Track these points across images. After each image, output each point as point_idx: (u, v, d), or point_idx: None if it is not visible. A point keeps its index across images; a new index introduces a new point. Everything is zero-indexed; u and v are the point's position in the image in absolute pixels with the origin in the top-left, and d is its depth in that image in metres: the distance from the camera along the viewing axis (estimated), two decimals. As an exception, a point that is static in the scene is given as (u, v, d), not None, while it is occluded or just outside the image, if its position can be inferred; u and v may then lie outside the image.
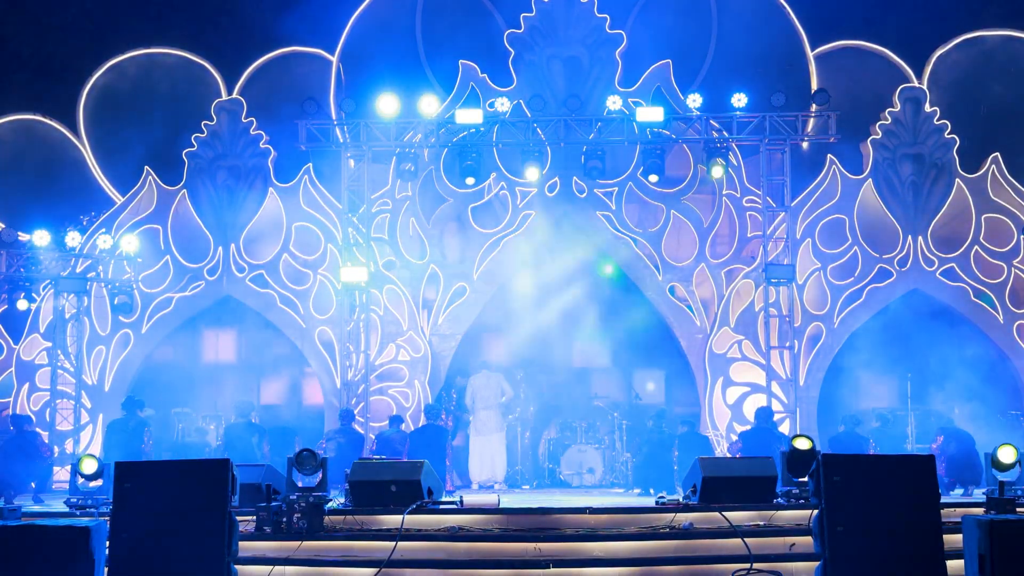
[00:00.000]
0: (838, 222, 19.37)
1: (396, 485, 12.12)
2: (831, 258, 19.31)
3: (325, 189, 19.70)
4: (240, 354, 19.97)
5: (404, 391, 19.38)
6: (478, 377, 17.72)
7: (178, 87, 20.20)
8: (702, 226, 19.62)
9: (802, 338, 19.09)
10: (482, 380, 17.68)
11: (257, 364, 19.88)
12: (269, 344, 19.67)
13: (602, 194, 19.68)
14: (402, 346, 19.51)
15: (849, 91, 19.50)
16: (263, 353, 19.82)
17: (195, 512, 9.57)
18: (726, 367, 19.14)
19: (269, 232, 19.66)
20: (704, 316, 19.51)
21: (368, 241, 19.31)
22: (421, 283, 19.76)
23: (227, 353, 19.92)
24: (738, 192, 19.55)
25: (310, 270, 19.62)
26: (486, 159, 19.25)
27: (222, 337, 19.95)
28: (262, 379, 19.84)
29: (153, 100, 20.01)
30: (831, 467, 9.61)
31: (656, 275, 19.62)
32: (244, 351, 19.96)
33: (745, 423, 18.38)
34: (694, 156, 19.52)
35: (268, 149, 19.78)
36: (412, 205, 19.76)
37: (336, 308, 19.43)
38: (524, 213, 19.75)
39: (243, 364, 19.96)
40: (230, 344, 19.91)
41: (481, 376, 17.75)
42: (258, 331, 19.78)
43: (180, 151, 19.79)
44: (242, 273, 19.64)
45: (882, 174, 19.44)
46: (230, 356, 19.93)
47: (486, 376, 17.74)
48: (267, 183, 19.75)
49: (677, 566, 10.99)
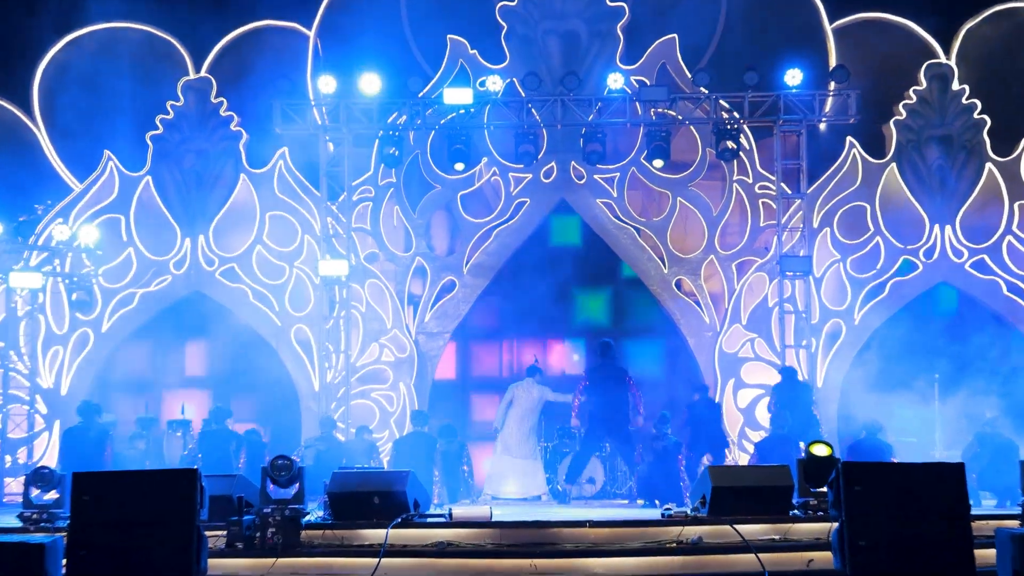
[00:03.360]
0: (858, 210, 19.36)
1: (379, 497, 12.09)
2: (851, 249, 19.31)
3: (302, 175, 19.66)
4: (211, 354, 19.89)
5: (388, 394, 19.36)
6: (520, 386, 17.33)
7: (142, 64, 20.12)
8: (711, 215, 19.60)
9: (820, 336, 19.08)
10: (523, 390, 17.30)
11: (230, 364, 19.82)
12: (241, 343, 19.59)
13: (602, 180, 19.65)
14: (386, 346, 19.48)
15: (870, 68, 19.48)
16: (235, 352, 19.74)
17: (160, 527, 9.53)
18: (737, 367, 19.13)
19: (241, 222, 19.61)
20: (713, 312, 19.50)
21: (349, 232, 19.27)
22: (406, 277, 19.74)
23: (195, 353, 19.83)
24: (750, 178, 19.53)
25: (285, 263, 19.58)
26: (477, 142, 19.23)
27: (190, 334, 19.86)
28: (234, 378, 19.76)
29: (114, 78, 19.92)
30: (852, 476, 9.60)
31: (661, 268, 19.61)
32: (214, 350, 19.89)
33: (758, 428, 18.37)
34: (702, 139, 19.50)
35: (240, 132, 19.73)
36: (396, 192, 19.73)
37: (314, 304, 19.40)
38: (518, 201, 19.71)
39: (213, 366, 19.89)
40: (199, 343, 19.82)
41: (523, 385, 17.35)
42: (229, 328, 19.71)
43: (144, 134, 19.73)
44: (211, 267, 19.59)
45: (906, 158, 19.43)
46: (199, 356, 19.84)
47: (528, 386, 17.31)
48: (238, 168, 19.70)
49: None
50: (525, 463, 17.12)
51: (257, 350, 19.49)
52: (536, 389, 17.23)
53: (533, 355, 18.30)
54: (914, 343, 18.85)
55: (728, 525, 11.72)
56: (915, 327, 19.16)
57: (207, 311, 19.73)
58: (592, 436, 16.72)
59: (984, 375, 18.01)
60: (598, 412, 16.45)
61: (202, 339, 19.77)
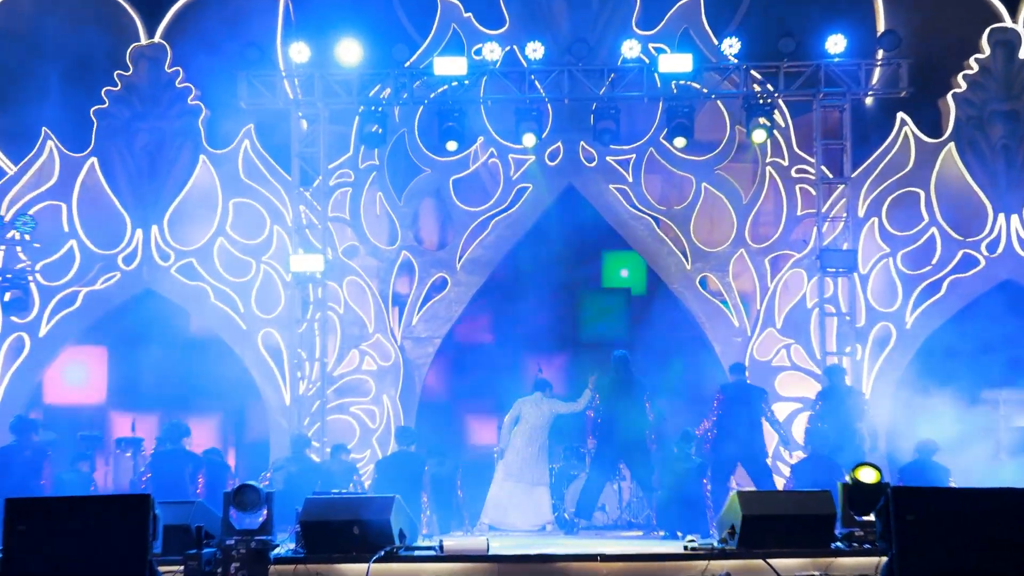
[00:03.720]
0: (911, 197, 19.36)
1: (359, 526, 12.06)
2: (902, 242, 19.30)
3: (270, 157, 19.65)
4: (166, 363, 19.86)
5: (370, 408, 19.35)
6: (527, 401, 17.23)
7: (85, 29, 20.10)
8: (741, 203, 19.60)
9: (866, 342, 19.07)
10: (531, 405, 17.20)
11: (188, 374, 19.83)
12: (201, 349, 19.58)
13: (616, 163, 19.65)
14: (367, 353, 19.49)
15: (925, 33, 19.46)
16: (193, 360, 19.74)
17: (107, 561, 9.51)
18: (771, 378, 19.11)
19: (200, 210, 19.61)
20: (744, 314, 19.49)
21: (325, 222, 19.26)
22: (391, 274, 19.73)
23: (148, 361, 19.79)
24: (786, 160, 19.53)
25: (252, 258, 19.58)
26: (471, 119, 19.22)
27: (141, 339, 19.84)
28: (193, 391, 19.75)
29: (53, 45, 19.89)
30: (903, 503, 9.58)
31: (684, 264, 19.59)
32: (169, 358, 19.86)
33: (796, 448, 18.34)
34: (731, 115, 19.50)
35: (199, 107, 19.72)
36: (379, 177, 19.73)
37: (285, 305, 19.38)
38: (519, 187, 19.70)
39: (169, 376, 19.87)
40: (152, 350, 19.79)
41: (531, 400, 17.24)
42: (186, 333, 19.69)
43: (88, 109, 19.71)
44: (167, 262, 19.58)
45: (966, 137, 19.42)
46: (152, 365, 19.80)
47: (537, 401, 17.21)
48: (198, 149, 19.70)
49: (711, 627, 10.96)
50: (531, 490, 17.07)
51: (219, 358, 19.48)
52: (546, 404, 17.17)
53: (537, 365, 18.27)
54: (975, 350, 18.83)
55: (760, 559, 11.70)
56: (976, 331, 19.14)
57: (161, 312, 19.71)
58: (605, 458, 16.70)
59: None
60: (612, 431, 16.44)
61: (156, 345, 19.72)
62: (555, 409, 17.16)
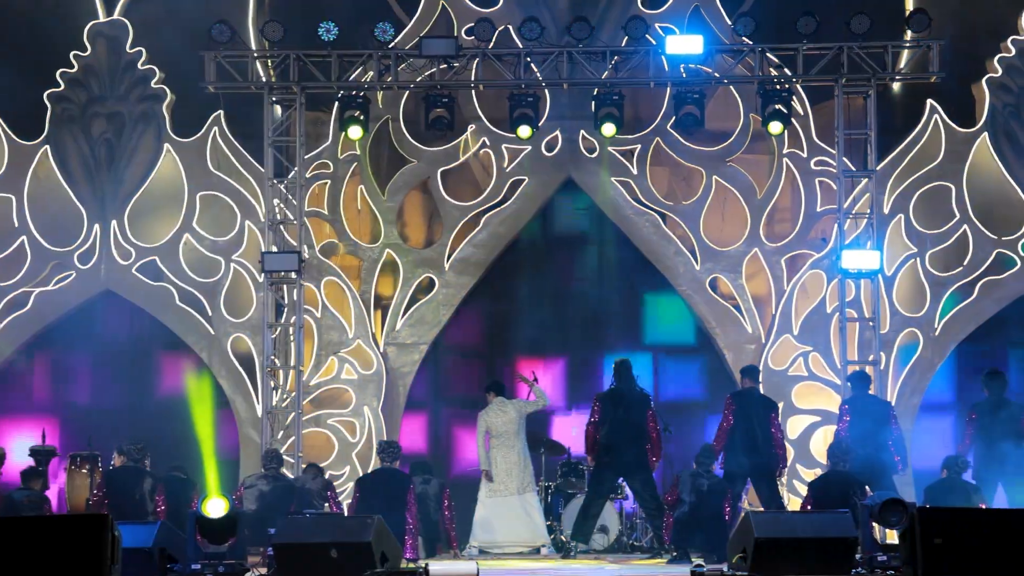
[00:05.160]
0: (941, 192, 19.41)
1: (338, 549, 12.10)
2: (931, 241, 19.35)
3: (241, 146, 19.66)
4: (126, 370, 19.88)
5: (349, 421, 19.37)
6: (489, 412, 17.32)
7: (38, 5, 20.12)
8: (755, 198, 19.64)
9: (891, 350, 19.11)
10: (494, 414, 17.28)
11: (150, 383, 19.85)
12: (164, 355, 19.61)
13: (619, 154, 19.68)
14: (347, 360, 19.51)
15: (957, 13, 19.52)
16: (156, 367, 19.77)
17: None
18: (788, 388, 19.16)
19: (164, 204, 19.61)
20: (758, 320, 19.53)
21: (300, 217, 19.28)
22: (373, 275, 19.75)
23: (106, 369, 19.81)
24: (804, 151, 19.57)
25: (221, 256, 19.59)
26: (462, 106, 19.25)
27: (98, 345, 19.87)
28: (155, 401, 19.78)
29: (2, 22, 19.91)
30: (930, 525, 9.64)
31: (692, 264, 19.63)
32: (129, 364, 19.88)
33: (814, 466, 18.39)
34: (744, 102, 19.53)
35: (163, 90, 19.73)
36: (361, 168, 19.73)
37: (256, 308, 19.40)
38: (514, 179, 19.73)
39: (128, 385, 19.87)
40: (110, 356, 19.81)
41: (493, 409, 17.33)
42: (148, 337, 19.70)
43: (40, 93, 19.72)
44: (127, 260, 19.59)
45: (1002, 126, 19.47)
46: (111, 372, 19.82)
47: (500, 407, 17.32)
48: (162, 136, 19.71)
49: (720, 660, 11.01)
50: (518, 500, 17.13)
51: (184, 365, 19.49)
52: (510, 407, 17.28)
53: (532, 373, 18.33)
54: (1009, 358, 18.88)
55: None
56: (1012, 339, 19.20)
57: (121, 315, 19.72)
58: (604, 476, 16.73)
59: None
60: (612, 445, 16.48)
61: (114, 350, 19.74)
62: (522, 410, 17.24)
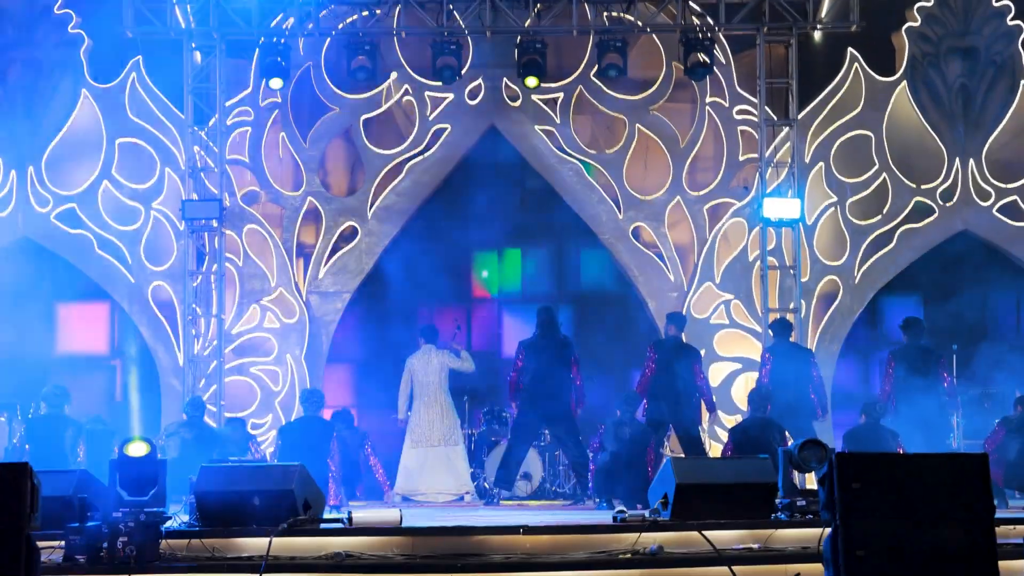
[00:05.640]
0: (861, 141, 19.54)
1: (260, 497, 12.07)
2: (852, 189, 19.50)
3: (160, 92, 19.50)
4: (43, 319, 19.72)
5: (272, 369, 19.34)
6: (416, 358, 17.43)
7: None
8: (677, 146, 19.70)
9: (812, 298, 19.27)
10: (420, 361, 17.38)
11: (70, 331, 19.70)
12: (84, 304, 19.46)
13: (542, 102, 19.67)
14: (269, 308, 19.45)
15: (877, -38, 19.61)
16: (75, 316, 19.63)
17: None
18: (710, 336, 19.29)
19: (83, 151, 19.44)
20: (680, 268, 19.62)
21: (222, 165, 19.16)
22: (295, 223, 19.67)
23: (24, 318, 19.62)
24: (726, 100, 19.64)
25: (140, 204, 19.45)
26: (384, 53, 19.16)
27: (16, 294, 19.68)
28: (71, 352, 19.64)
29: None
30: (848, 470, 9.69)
31: (615, 213, 19.68)
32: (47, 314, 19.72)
33: (735, 412, 18.54)
34: (667, 51, 19.55)
35: (80, 35, 19.50)
36: (283, 115, 19.64)
37: (177, 256, 19.29)
38: (436, 128, 19.68)
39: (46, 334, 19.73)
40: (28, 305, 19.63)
41: (420, 356, 17.43)
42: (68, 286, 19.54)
43: (-47, 38, 19.49)
44: (45, 207, 19.41)
45: (921, 76, 19.62)
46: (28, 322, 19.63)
47: (425, 354, 17.41)
48: (79, 83, 19.51)
49: (642, 604, 11.09)
50: (443, 452, 17.18)
51: (104, 313, 19.36)
52: (435, 356, 17.31)
53: (454, 321, 18.34)
54: (928, 306, 19.08)
55: (695, 531, 11.82)
56: (929, 286, 19.39)
57: (39, 264, 19.55)
58: (527, 422, 16.79)
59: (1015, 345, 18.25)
60: (535, 393, 16.53)
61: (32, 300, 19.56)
62: (446, 364, 17.25)
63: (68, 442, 16.26)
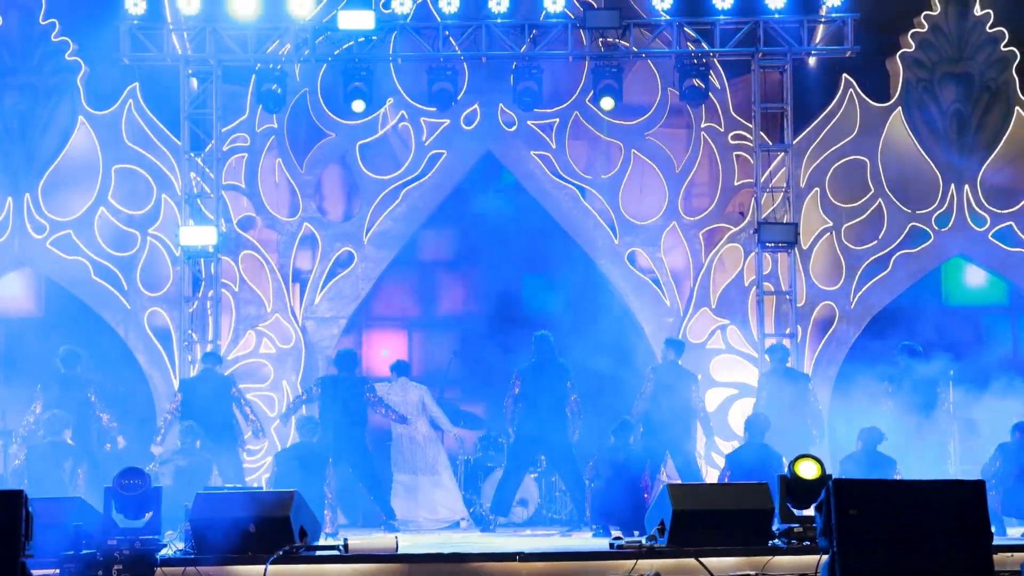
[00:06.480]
0: (856, 166, 19.53)
1: (256, 524, 12.04)
2: (847, 215, 19.47)
3: (157, 119, 19.49)
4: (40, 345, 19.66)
5: (267, 395, 19.28)
6: (392, 390, 17.67)
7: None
8: (673, 171, 19.69)
9: (807, 323, 19.24)
10: (396, 395, 17.62)
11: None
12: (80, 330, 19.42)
13: (538, 127, 19.66)
14: (265, 334, 19.42)
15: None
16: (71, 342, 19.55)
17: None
18: (705, 362, 19.24)
19: (79, 177, 19.41)
20: (676, 293, 19.60)
21: (218, 190, 19.15)
22: (291, 249, 19.65)
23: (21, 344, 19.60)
24: (722, 126, 19.63)
25: (137, 230, 19.43)
26: (380, 79, 19.16)
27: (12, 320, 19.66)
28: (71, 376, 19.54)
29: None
30: (845, 497, 9.68)
31: (611, 238, 19.66)
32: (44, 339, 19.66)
33: (731, 438, 18.49)
34: (662, 76, 19.56)
35: (78, 62, 19.50)
36: (279, 141, 19.63)
37: (173, 282, 19.26)
38: (432, 153, 19.67)
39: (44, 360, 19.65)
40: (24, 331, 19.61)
41: (396, 387, 17.69)
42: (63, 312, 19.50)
43: (-49, 65, 19.48)
44: (41, 234, 19.38)
45: (916, 101, 19.61)
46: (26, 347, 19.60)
47: (402, 388, 17.68)
48: (76, 109, 19.50)
49: (639, 631, 11.06)
50: (430, 479, 17.25)
51: (100, 339, 19.32)
52: (413, 389, 17.68)
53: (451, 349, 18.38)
54: (924, 332, 19.05)
55: (692, 558, 11.79)
56: (925, 312, 19.36)
57: (35, 290, 19.50)
58: (524, 448, 16.77)
59: (1010, 372, 18.21)
60: (532, 419, 16.51)
61: (28, 326, 19.53)
62: (427, 403, 17.47)
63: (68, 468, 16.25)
